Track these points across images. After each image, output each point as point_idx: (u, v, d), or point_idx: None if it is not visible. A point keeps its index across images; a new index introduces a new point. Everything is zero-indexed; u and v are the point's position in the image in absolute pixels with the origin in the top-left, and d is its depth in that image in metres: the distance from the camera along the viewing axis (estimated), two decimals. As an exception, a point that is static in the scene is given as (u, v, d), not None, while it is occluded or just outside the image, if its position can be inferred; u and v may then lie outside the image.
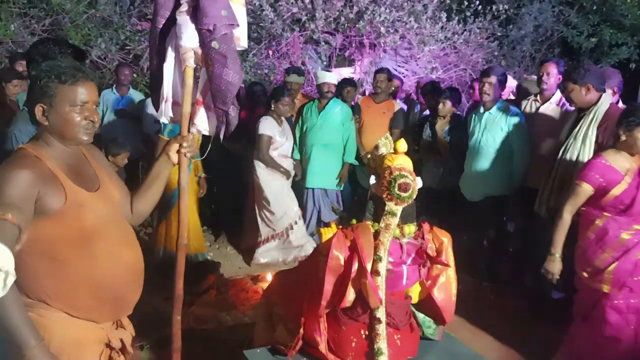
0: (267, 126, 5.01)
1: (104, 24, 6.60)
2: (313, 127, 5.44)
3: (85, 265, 1.81)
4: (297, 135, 5.61)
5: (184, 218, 2.31)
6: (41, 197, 1.70)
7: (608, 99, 3.64)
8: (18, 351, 1.59)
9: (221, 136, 2.39)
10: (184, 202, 2.30)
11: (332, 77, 5.54)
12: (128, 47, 6.65)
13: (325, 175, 5.46)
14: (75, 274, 1.80)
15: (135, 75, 6.46)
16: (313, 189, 5.52)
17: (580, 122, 3.62)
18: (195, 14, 2.18)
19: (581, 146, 3.58)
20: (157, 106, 2.43)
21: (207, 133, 2.47)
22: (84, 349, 1.84)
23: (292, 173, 5.31)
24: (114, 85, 5.91)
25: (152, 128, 5.39)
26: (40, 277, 1.74)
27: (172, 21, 2.26)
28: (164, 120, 2.42)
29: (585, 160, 3.44)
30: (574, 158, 3.59)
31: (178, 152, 2.18)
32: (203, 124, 2.43)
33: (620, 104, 3.98)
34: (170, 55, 2.31)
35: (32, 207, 1.68)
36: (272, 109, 5.04)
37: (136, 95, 6.04)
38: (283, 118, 5.17)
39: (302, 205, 5.58)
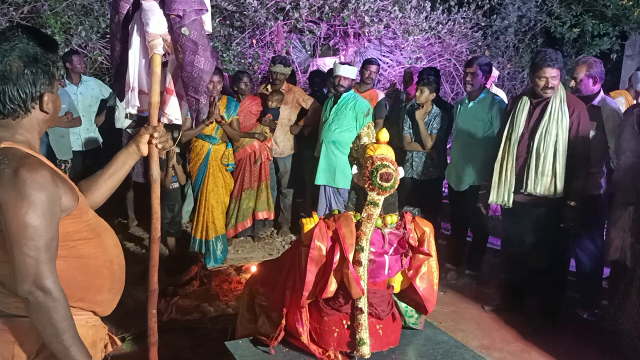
0: None
1: (84, 12, 6.48)
2: (325, 123, 5.21)
3: (104, 258, 1.78)
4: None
5: (157, 210, 2.25)
6: (62, 196, 1.60)
7: None
8: None
9: (193, 125, 2.34)
10: (155, 194, 2.23)
11: (346, 70, 5.12)
12: (109, 35, 6.54)
13: (332, 173, 5.19)
14: (101, 267, 1.77)
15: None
16: (324, 186, 5.30)
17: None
18: None
19: None
20: (121, 96, 2.34)
21: (179, 122, 2.41)
22: (97, 350, 1.83)
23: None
24: (65, 76, 5.47)
25: (124, 122, 5.25)
26: (71, 279, 1.68)
27: (135, 6, 2.18)
28: (130, 110, 2.30)
29: None
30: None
31: (149, 143, 2.06)
32: (174, 113, 2.34)
33: (602, 94, 4.03)
34: (136, 41, 2.21)
35: (59, 209, 1.59)
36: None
37: (93, 83, 5.66)
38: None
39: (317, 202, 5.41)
